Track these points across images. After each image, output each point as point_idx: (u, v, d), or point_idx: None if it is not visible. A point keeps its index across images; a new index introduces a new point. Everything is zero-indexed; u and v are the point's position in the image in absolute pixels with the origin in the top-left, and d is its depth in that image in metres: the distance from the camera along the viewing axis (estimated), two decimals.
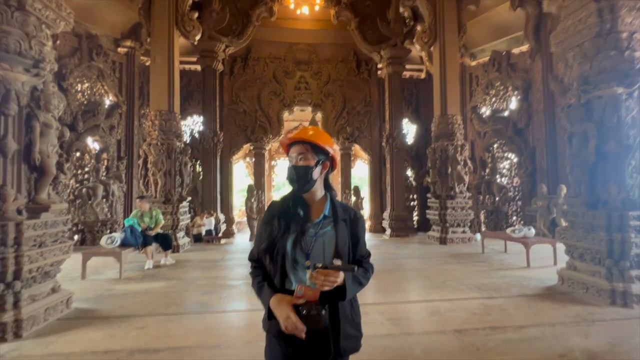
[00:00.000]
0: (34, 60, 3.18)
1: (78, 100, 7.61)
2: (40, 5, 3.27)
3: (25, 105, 3.15)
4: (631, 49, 3.65)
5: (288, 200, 1.19)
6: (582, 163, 3.94)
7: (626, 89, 3.67)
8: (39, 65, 3.22)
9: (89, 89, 7.91)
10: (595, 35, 3.77)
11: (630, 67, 3.63)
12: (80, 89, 7.74)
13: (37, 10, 3.25)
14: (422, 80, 11.01)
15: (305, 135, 1.18)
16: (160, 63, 6.51)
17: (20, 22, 3.11)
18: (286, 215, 1.15)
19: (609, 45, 3.71)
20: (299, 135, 1.19)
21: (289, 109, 10.62)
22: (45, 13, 3.34)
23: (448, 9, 7.23)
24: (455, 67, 7.46)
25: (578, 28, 3.91)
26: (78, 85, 7.67)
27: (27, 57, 3.14)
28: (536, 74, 8.08)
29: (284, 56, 10.64)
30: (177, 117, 6.79)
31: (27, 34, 3.15)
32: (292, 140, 1.19)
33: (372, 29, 9.74)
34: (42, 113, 3.20)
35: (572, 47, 4.10)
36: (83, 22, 7.68)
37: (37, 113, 3.16)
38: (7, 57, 3.01)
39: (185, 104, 9.84)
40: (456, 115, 7.43)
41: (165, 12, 6.49)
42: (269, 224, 1.15)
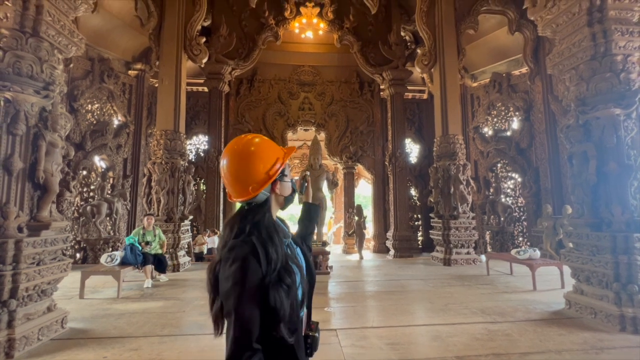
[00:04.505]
0: (44, 83, 3.32)
1: (88, 120, 7.85)
2: (54, 32, 3.46)
3: (33, 125, 3.27)
4: (626, 71, 3.70)
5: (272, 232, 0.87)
6: (584, 183, 3.89)
7: (623, 110, 3.68)
8: (49, 87, 3.36)
9: (98, 110, 8.18)
10: (590, 58, 3.84)
11: (626, 89, 3.65)
12: (90, 110, 8.01)
13: (51, 37, 3.43)
14: (424, 100, 11.17)
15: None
16: (167, 85, 6.73)
17: (34, 48, 3.27)
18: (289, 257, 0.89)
19: (604, 67, 3.75)
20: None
21: (293, 128, 10.79)
22: (58, 39, 3.53)
23: (447, 33, 7.43)
24: (456, 88, 7.57)
25: (573, 51, 3.98)
26: (88, 106, 7.94)
27: (38, 80, 3.29)
28: (536, 95, 8.16)
29: (288, 78, 10.94)
30: (182, 137, 6.94)
31: (40, 58, 3.31)
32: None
33: (374, 52, 10.02)
34: (49, 133, 3.31)
35: (568, 69, 4.16)
36: (97, 46, 8.06)
37: (44, 133, 3.27)
38: (19, 80, 3.16)
39: (191, 123, 10.09)
40: (458, 135, 7.47)
41: (174, 37, 6.78)
42: (281, 285, 0.80)
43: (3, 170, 3.04)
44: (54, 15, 3.39)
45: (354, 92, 11.04)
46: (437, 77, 7.51)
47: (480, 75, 9.67)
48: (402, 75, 9.78)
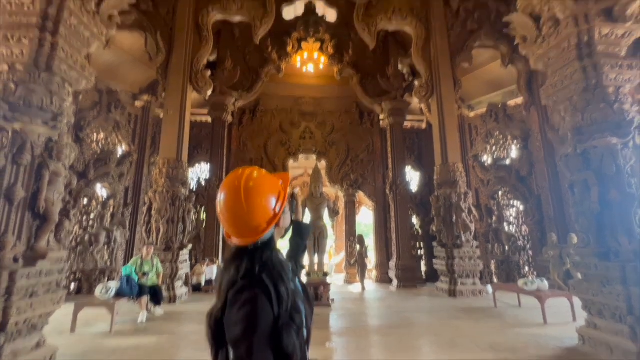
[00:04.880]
0: (53, 114, 3.42)
1: (92, 150, 7.98)
2: (66, 67, 3.61)
3: (39, 155, 3.32)
4: (619, 102, 3.79)
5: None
6: (587, 212, 3.86)
7: (620, 139, 3.74)
8: (57, 118, 3.45)
9: (104, 139, 8.34)
10: (583, 90, 3.95)
11: (621, 119, 3.73)
12: (95, 139, 8.16)
13: (63, 71, 3.58)
14: (423, 130, 11.39)
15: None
16: (172, 115, 6.92)
17: (46, 82, 3.40)
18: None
19: (598, 98, 3.86)
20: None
21: (294, 157, 10.92)
22: (69, 73, 3.68)
23: (443, 66, 7.74)
24: (453, 118, 7.75)
25: (565, 84, 4.12)
26: (94, 135, 8.11)
27: (47, 112, 3.38)
28: (533, 125, 8.32)
29: (290, 108, 11.25)
30: (184, 165, 7.01)
31: (51, 91, 3.43)
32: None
33: (373, 84, 10.37)
34: (53, 162, 3.35)
35: (562, 100, 4.27)
36: (106, 79, 8.38)
37: (48, 162, 3.31)
38: (29, 112, 3.25)
39: (194, 152, 10.24)
40: (457, 164, 7.53)
41: (181, 71, 7.07)
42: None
43: (4, 200, 3.04)
44: (68, 51, 3.56)
45: (354, 122, 11.30)
46: (434, 107, 7.71)
47: (477, 106, 9.93)
48: (401, 106, 10.05)
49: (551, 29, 4.23)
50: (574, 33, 3.93)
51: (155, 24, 7.03)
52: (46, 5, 3.40)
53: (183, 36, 7.13)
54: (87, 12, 3.76)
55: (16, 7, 3.39)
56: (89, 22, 3.78)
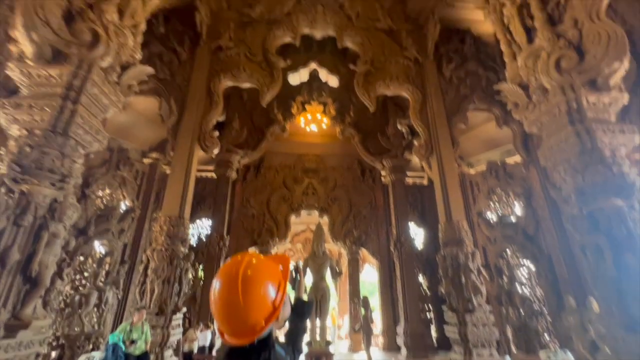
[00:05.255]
0: (61, 176, 3.50)
1: (96, 206, 8.01)
2: (82, 131, 3.80)
3: (41, 216, 3.31)
4: (617, 164, 3.85)
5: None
6: (604, 277, 3.66)
7: (625, 201, 3.71)
8: (65, 179, 3.52)
9: (108, 195, 8.43)
10: (579, 153, 4.04)
11: (622, 181, 3.75)
12: (100, 195, 8.25)
13: (78, 135, 3.76)
14: (425, 186, 11.49)
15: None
16: (178, 173, 7.08)
17: (60, 145, 3.55)
18: None
19: (595, 160, 3.92)
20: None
21: (297, 212, 10.89)
22: (84, 137, 3.85)
23: (440, 127, 8.09)
24: (454, 175, 7.86)
25: (561, 147, 4.23)
26: (99, 192, 8.21)
27: (57, 174, 3.47)
28: (534, 182, 8.37)
29: (293, 165, 11.55)
30: (186, 223, 6.96)
31: (63, 153, 3.56)
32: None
33: (374, 142, 10.77)
34: (54, 223, 3.33)
35: (560, 162, 4.35)
36: (118, 138, 8.78)
37: (49, 224, 3.29)
38: (39, 174, 3.33)
39: (197, 208, 10.25)
40: (462, 221, 7.41)
41: (190, 131, 7.43)
42: None
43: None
44: (85, 117, 3.79)
45: (356, 178, 11.48)
46: (435, 165, 7.87)
47: (476, 163, 10.13)
48: (401, 163, 10.28)
49: (540, 96, 4.49)
50: (562, 101, 4.16)
51: (170, 90, 7.59)
52: (72, 78, 3.70)
53: (195, 100, 7.64)
54: (109, 83, 4.08)
55: (45, 79, 3.69)
56: (109, 91, 4.09)
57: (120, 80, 4.34)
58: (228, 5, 8.66)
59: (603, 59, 3.91)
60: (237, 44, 8.36)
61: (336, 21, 8.56)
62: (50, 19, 3.58)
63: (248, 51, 8.35)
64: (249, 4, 8.70)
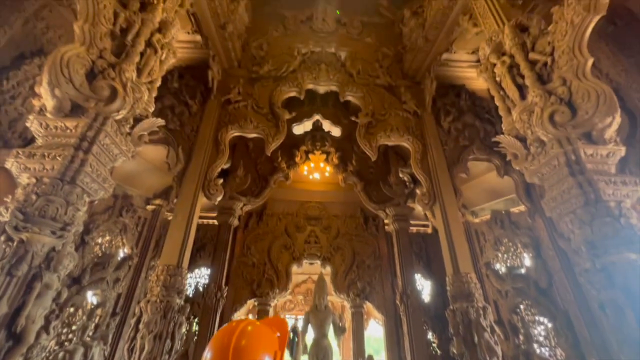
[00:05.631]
0: (63, 224, 3.48)
1: (94, 253, 7.85)
2: (89, 180, 3.87)
3: (36, 265, 3.23)
4: (625, 216, 3.79)
5: None
6: (630, 340, 3.39)
7: (638, 254, 3.58)
8: (66, 228, 3.50)
9: (108, 242, 8.30)
10: (584, 204, 4.01)
11: (632, 234, 3.66)
12: (99, 242, 8.13)
13: (85, 183, 3.83)
14: (430, 234, 11.26)
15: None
16: (180, 220, 7.05)
17: (66, 193, 3.60)
18: None
19: (602, 212, 3.87)
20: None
21: (298, 262, 10.58)
22: (90, 185, 3.92)
23: (441, 176, 8.19)
24: (459, 225, 7.74)
25: (565, 197, 4.21)
26: (99, 239, 8.10)
27: (59, 222, 3.46)
28: (541, 232, 8.19)
29: (296, 212, 11.51)
30: (184, 273, 6.75)
31: (68, 202, 3.59)
32: None
33: (376, 191, 10.82)
34: (48, 274, 3.23)
35: (566, 213, 4.29)
36: (124, 185, 8.92)
37: (43, 274, 3.19)
38: (41, 222, 3.33)
39: (196, 256, 10.02)
40: (470, 274, 7.12)
41: (195, 179, 7.56)
42: None
43: None
44: (94, 166, 3.89)
45: (359, 226, 11.34)
46: (438, 215, 7.80)
47: (480, 212, 10.03)
48: (405, 212, 10.22)
49: (538, 148, 4.60)
50: (560, 153, 4.24)
51: (179, 139, 7.89)
52: (87, 129, 3.88)
53: (202, 149, 7.90)
54: (121, 134, 4.26)
55: (61, 130, 3.87)
56: (120, 141, 4.25)
57: (132, 131, 4.54)
58: (238, 64, 9.39)
59: (595, 115, 4.07)
60: (245, 97, 8.88)
61: (338, 78, 9.17)
62: (74, 76, 3.86)
63: (255, 104, 8.83)
64: (258, 62, 9.44)
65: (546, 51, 4.78)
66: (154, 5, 5.02)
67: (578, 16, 4.32)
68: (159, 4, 5.14)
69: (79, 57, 3.95)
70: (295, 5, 10.48)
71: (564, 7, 4.52)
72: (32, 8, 5.88)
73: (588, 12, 4.24)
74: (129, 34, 4.64)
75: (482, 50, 5.90)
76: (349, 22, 10.33)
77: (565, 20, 4.48)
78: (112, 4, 4.50)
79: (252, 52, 9.63)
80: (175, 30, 5.49)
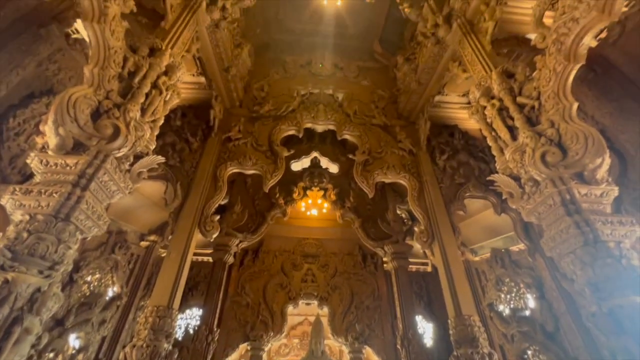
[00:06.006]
0: (52, 263, 3.38)
1: (81, 292, 7.54)
2: (84, 217, 3.83)
3: (18, 308, 3.09)
4: (625, 257, 3.74)
5: None
6: None
7: None
8: (55, 267, 3.40)
9: (97, 280, 8.00)
10: (583, 244, 3.97)
11: (635, 275, 3.59)
12: (89, 281, 7.84)
13: (79, 221, 3.77)
14: (429, 273, 10.98)
15: None
16: (174, 258, 6.87)
17: (59, 231, 3.53)
18: None
19: (602, 253, 3.82)
20: None
21: (294, 302, 10.16)
22: (84, 222, 3.86)
23: (439, 214, 8.17)
24: (459, 265, 7.57)
25: (563, 237, 4.18)
26: (88, 277, 7.82)
27: (48, 260, 3.36)
28: (542, 272, 8.00)
29: (293, 249, 11.28)
30: (174, 314, 6.43)
31: (59, 239, 3.51)
32: None
33: (374, 227, 10.72)
34: (30, 317, 3.08)
35: (566, 253, 4.23)
36: (119, 220, 8.80)
37: (24, 317, 3.04)
38: (29, 260, 3.23)
39: (188, 295, 9.62)
40: (473, 317, 6.82)
41: (192, 215, 7.49)
42: None
43: None
44: (90, 203, 3.87)
45: (357, 264, 11.07)
46: (438, 253, 7.67)
47: (480, 250, 9.88)
48: (403, 249, 10.04)
49: (533, 187, 4.66)
50: (555, 192, 4.29)
51: (178, 175, 7.95)
52: (87, 166, 3.92)
53: (200, 185, 7.93)
54: (120, 171, 4.30)
55: (61, 167, 3.90)
56: (119, 178, 4.28)
57: (131, 168, 4.59)
58: (240, 104, 9.76)
59: (585, 155, 4.19)
60: (246, 135, 9.11)
61: (336, 117, 9.50)
62: (79, 116, 3.98)
63: (255, 141, 9.04)
64: (259, 102, 9.83)
65: (533, 95, 5.03)
66: (162, 51, 5.33)
67: (560, 65, 4.60)
68: (167, 50, 5.46)
69: (86, 98, 4.10)
70: (295, 51, 11.16)
71: (546, 56, 4.84)
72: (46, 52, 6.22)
73: (569, 62, 4.53)
74: (137, 76, 4.87)
75: (473, 94, 6.20)
76: (345, 66, 10.94)
77: (548, 68, 4.77)
78: (122, 49, 4.78)
79: (253, 92, 10.06)
80: (181, 73, 5.78)
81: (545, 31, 4.93)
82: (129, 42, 4.95)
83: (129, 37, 4.99)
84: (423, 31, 7.98)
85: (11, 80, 5.64)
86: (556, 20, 4.68)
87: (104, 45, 4.39)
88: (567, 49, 4.52)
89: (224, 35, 7.78)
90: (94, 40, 4.33)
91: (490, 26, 6.35)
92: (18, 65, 5.73)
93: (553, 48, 4.69)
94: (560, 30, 4.59)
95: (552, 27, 4.73)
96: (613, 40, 6.43)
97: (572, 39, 4.47)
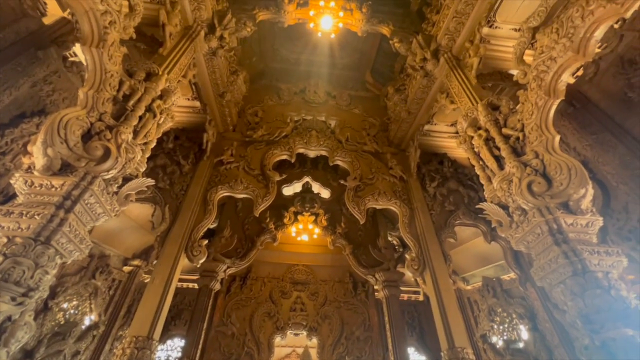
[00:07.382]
0: (26, 289, 3.20)
1: (55, 321, 7.11)
2: (65, 240, 3.68)
3: None
4: (614, 288, 3.75)
5: None
6: None
7: (635, 330, 3.45)
8: (29, 294, 3.21)
9: (74, 308, 7.59)
10: (572, 274, 3.98)
11: (625, 306, 3.58)
12: (64, 308, 7.42)
13: (60, 244, 3.63)
14: (421, 302, 10.77)
15: None
16: (157, 285, 6.58)
17: (37, 254, 3.38)
18: None
19: (591, 284, 3.83)
20: None
21: (282, 333, 9.75)
22: (66, 246, 3.71)
23: (430, 241, 8.14)
24: (451, 294, 7.45)
25: (553, 267, 4.20)
26: (64, 304, 7.42)
27: (22, 286, 3.19)
28: (534, 302, 7.95)
29: (282, 276, 10.99)
30: (153, 346, 6.06)
31: (37, 264, 3.35)
32: None
33: (365, 254, 10.58)
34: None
35: (556, 283, 4.23)
36: (102, 244, 8.51)
37: None
38: (1, 286, 3.06)
39: (170, 324, 9.17)
40: (467, 349, 6.62)
41: (179, 240, 7.28)
42: None
43: None
44: (74, 226, 3.74)
45: (347, 292, 10.80)
46: (429, 281, 7.56)
47: (471, 279, 9.80)
48: (395, 277, 9.87)
49: (520, 216, 4.72)
50: (542, 222, 4.35)
51: (166, 198, 7.82)
52: (73, 188, 3.83)
53: (189, 209, 7.78)
54: (107, 193, 4.21)
55: (46, 188, 3.80)
56: (105, 200, 4.18)
57: (119, 190, 4.51)
58: (233, 128, 9.86)
59: (569, 186, 4.30)
60: (238, 159, 9.13)
61: (328, 144, 9.65)
62: (70, 137, 3.95)
63: (247, 165, 9.05)
64: (253, 127, 9.95)
65: (517, 127, 5.23)
66: (159, 76, 5.43)
67: (541, 99, 4.84)
68: (164, 75, 5.56)
69: (78, 119, 4.09)
70: (289, 79, 11.51)
71: (528, 91, 5.09)
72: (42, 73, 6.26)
73: (549, 97, 4.77)
74: (131, 99, 4.91)
75: (460, 124, 6.41)
76: (338, 95, 11.28)
77: (530, 102, 5.01)
78: (119, 73, 4.85)
79: (247, 117, 10.21)
80: (176, 97, 5.86)
81: (526, 68, 5.22)
82: (126, 66, 5.03)
83: (127, 61, 5.09)
84: (412, 64, 8.36)
85: (2, 99, 5.62)
86: (536, 58, 4.99)
87: (101, 69, 4.45)
88: (547, 85, 4.78)
89: (221, 63, 8.00)
90: (91, 64, 4.39)
91: (475, 62, 6.71)
92: (12, 85, 5.74)
93: (534, 84, 4.95)
94: (540, 67, 4.88)
95: (533, 65, 5.02)
96: (589, 77, 6.84)
97: (551, 76, 4.74)
